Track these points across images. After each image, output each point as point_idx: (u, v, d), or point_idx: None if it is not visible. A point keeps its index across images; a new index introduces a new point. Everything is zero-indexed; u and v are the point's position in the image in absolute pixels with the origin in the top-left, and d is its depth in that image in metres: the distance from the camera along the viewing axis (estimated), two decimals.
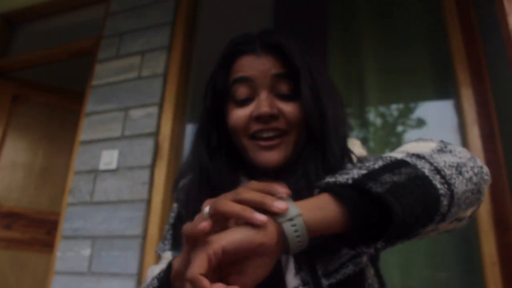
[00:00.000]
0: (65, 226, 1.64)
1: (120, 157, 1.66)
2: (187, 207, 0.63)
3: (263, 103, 0.58)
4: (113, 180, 1.63)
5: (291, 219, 0.38)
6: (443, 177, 0.43)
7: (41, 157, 2.44)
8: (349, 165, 0.60)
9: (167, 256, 0.65)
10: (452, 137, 1.43)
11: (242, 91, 0.60)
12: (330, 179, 0.44)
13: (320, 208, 0.40)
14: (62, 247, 1.61)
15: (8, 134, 2.38)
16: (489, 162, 1.29)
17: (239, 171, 0.63)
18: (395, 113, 1.60)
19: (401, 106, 1.60)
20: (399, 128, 1.57)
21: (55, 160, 2.45)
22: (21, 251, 2.27)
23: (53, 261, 1.61)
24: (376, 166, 0.43)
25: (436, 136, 1.61)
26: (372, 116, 1.58)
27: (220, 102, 0.63)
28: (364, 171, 0.42)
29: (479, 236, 1.24)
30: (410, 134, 1.54)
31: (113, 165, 1.65)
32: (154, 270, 0.63)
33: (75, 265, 1.55)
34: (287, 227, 0.38)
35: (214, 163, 0.61)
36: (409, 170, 0.42)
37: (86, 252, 1.55)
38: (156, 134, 1.65)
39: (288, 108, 0.59)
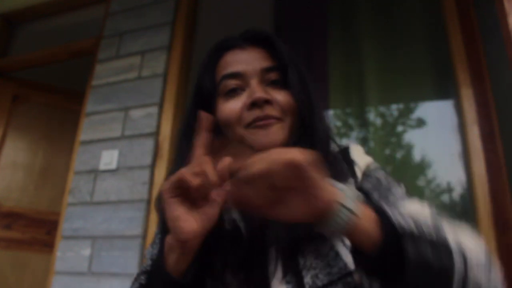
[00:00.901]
0: (65, 226, 1.64)
1: (120, 157, 1.66)
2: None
3: (256, 89, 0.57)
4: (113, 180, 1.63)
5: (346, 207, 0.41)
6: None
7: (41, 157, 2.44)
8: (344, 165, 0.60)
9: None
10: (452, 137, 1.43)
11: (231, 85, 0.60)
12: (387, 209, 0.44)
13: (369, 222, 0.42)
14: (62, 247, 1.61)
15: (8, 134, 2.38)
16: (489, 162, 1.30)
17: None
18: (395, 113, 1.60)
19: (401, 106, 1.61)
20: (399, 128, 1.58)
21: (55, 160, 2.45)
22: (21, 251, 2.27)
23: (53, 261, 1.61)
24: (429, 234, 0.43)
25: (436, 136, 1.60)
26: (372, 116, 1.58)
27: (206, 101, 0.61)
28: (414, 226, 0.42)
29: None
30: (410, 134, 1.54)
31: (113, 165, 1.65)
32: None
33: (75, 265, 1.55)
34: (339, 206, 0.40)
35: None
36: (448, 263, 0.41)
37: (86, 252, 1.55)
38: (156, 134, 1.65)
39: (280, 96, 0.59)
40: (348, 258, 0.52)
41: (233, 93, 0.60)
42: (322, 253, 0.52)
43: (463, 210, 1.39)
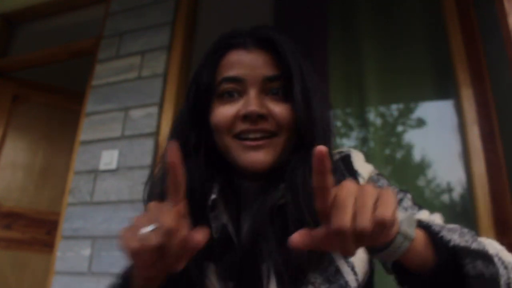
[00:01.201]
0: (65, 226, 1.64)
1: (120, 157, 1.66)
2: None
3: (251, 101, 0.53)
4: (113, 180, 1.63)
5: (405, 236, 0.40)
6: None
7: (41, 157, 2.44)
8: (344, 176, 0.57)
9: None
10: (452, 137, 1.43)
11: (229, 88, 0.56)
12: (433, 226, 0.44)
13: (421, 243, 0.42)
14: (62, 247, 1.61)
15: (8, 134, 2.38)
16: (489, 162, 1.30)
17: (215, 174, 0.58)
18: (395, 113, 1.60)
19: (401, 106, 1.61)
20: (399, 128, 1.57)
21: (55, 160, 2.45)
22: (21, 251, 2.27)
23: (53, 261, 1.61)
24: (473, 246, 0.44)
25: (436, 136, 1.60)
26: (372, 116, 1.58)
27: (203, 99, 0.58)
28: (463, 244, 0.43)
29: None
30: (410, 134, 1.54)
31: (113, 165, 1.65)
32: None
33: (75, 265, 1.55)
34: (400, 236, 0.39)
35: (187, 164, 0.53)
36: (494, 270, 0.43)
37: (86, 252, 1.55)
38: (156, 134, 1.65)
39: (278, 108, 0.55)
40: (350, 276, 0.51)
41: (229, 97, 0.56)
42: (321, 269, 0.51)
43: (463, 210, 1.39)
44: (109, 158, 1.67)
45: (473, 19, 1.47)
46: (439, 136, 1.48)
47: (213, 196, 0.54)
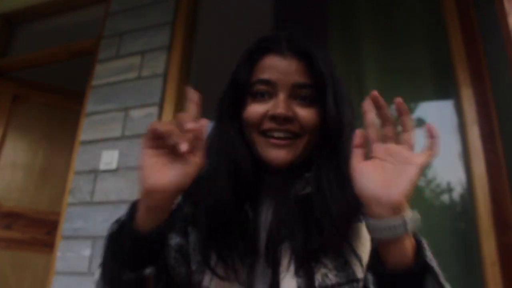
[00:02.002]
0: (65, 226, 1.64)
1: (120, 157, 1.66)
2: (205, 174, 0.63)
3: (280, 104, 0.59)
4: (113, 180, 1.63)
5: (406, 223, 0.46)
6: None
7: (41, 157, 2.44)
8: None
9: None
10: (452, 137, 1.43)
11: (261, 89, 0.61)
12: (423, 241, 0.50)
13: (409, 244, 0.47)
14: (62, 247, 1.61)
15: (8, 134, 2.38)
16: (489, 162, 1.30)
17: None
18: (395, 113, 1.60)
19: None
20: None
21: (55, 160, 2.45)
22: (21, 251, 2.27)
23: (53, 261, 1.61)
24: (441, 278, 0.50)
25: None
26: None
27: (239, 95, 0.63)
28: (437, 266, 0.50)
29: (479, 236, 1.24)
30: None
31: (113, 165, 1.65)
32: None
33: (75, 265, 1.55)
34: (402, 217, 0.46)
35: (237, 149, 0.62)
36: None
37: (86, 252, 1.55)
38: None
39: (304, 113, 0.60)
40: (357, 268, 0.56)
41: (261, 96, 0.61)
42: (332, 257, 0.56)
43: (463, 210, 1.39)
44: (109, 158, 1.67)
45: (473, 19, 1.47)
46: (439, 136, 1.48)
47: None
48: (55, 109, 2.52)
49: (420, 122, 1.55)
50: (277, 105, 0.59)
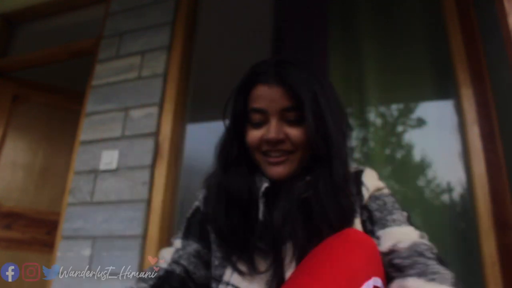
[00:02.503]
0: (65, 226, 1.64)
1: (120, 157, 1.66)
2: (206, 205, 0.77)
3: (271, 130, 0.68)
4: (113, 180, 1.63)
5: None
6: None
7: (41, 157, 2.44)
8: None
9: (177, 242, 0.77)
10: (452, 137, 1.43)
11: (256, 117, 0.71)
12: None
13: None
14: (62, 247, 1.61)
15: (8, 134, 2.38)
16: (489, 162, 1.30)
17: (258, 174, 0.73)
18: (395, 113, 1.60)
19: (401, 106, 1.60)
20: (399, 128, 1.57)
21: (55, 160, 2.45)
22: (21, 251, 2.27)
23: (53, 261, 1.61)
24: None
25: (436, 136, 1.60)
26: (372, 116, 1.58)
27: (240, 121, 0.74)
28: None
29: (479, 236, 1.24)
30: (410, 134, 1.54)
31: (113, 165, 1.65)
32: (163, 252, 0.76)
33: (75, 265, 1.55)
34: None
35: (232, 171, 0.72)
36: None
37: (86, 252, 1.55)
38: (156, 134, 1.65)
39: (294, 132, 0.69)
40: None
41: (257, 122, 0.72)
42: None
43: (463, 210, 1.39)
44: (109, 158, 1.67)
45: (473, 19, 1.47)
46: (439, 136, 1.48)
47: (266, 185, 0.69)
48: (55, 109, 2.52)
49: (420, 122, 1.55)
50: (270, 130, 0.69)
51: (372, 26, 1.67)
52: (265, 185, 0.70)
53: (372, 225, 0.67)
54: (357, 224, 0.67)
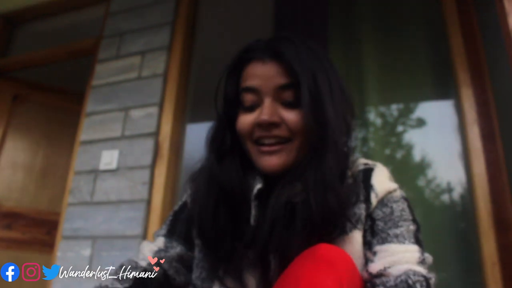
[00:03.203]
0: (65, 226, 1.64)
1: (120, 157, 1.66)
2: (193, 202, 0.66)
3: (264, 111, 0.59)
4: (113, 180, 1.63)
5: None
6: None
7: (41, 157, 2.44)
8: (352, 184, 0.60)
9: (159, 241, 0.69)
10: (452, 137, 1.43)
11: (248, 99, 0.62)
12: None
13: None
14: (62, 247, 1.61)
15: (8, 134, 2.37)
16: (489, 162, 1.30)
17: (252, 170, 0.64)
18: (395, 113, 1.60)
19: (401, 106, 1.60)
20: (399, 128, 1.57)
21: (55, 160, 2.45)
22: (21, 251, 2.27)
23: (53, 261, 1.61)
24: None
25: (436, 136, 1.60)
26: (372, 116, 1.58)
27: (232, 107, 0.65)
28: None
29: (479, 236, 1.24)
30: (410, 134, 1.54)
31: (113, 165, 1.65)
32: (144, 248, 0.68)
33: (75, 265, 1.55)
34: None
35: (225, 163, 0.63)
36: None
37: (86, 252, 1.55)
38: (156, 134, 1.65)
39: (290, 115, 0.59)
40: None
41: (250, 106, 0.62)
42: None
43: (463, 210, 1.39)
44: (109, 158, 1.67)
45: (473, 19, 1.47)
46: (439, 136, 1.48)
47: (259, 186, 0.60)
48: (55, 109, 2.52)
49: (420, 122, 1.55)
50: (262, 112, 0.59)
51: (372, 26, 1.67)
52: (258, 186, 0.60)
53: (372, 236, 0.57)
54: (357, 237, 0.57)
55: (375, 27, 1.67)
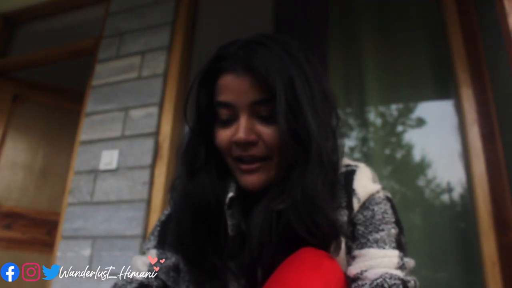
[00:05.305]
0: (65, 226, 1.64)
1: (120, 157, 1.66)
2: (175, 212, 0.64)
3: (240, 130, 0.55)
4: (113, 180, 1.63)
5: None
6: None
7: (41, 157, 2.44)
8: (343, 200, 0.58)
9: (152, 253, 0.66)
10: (452, 137, 1.43)
11: (224, 113, 0.58)
12: None
13: None
14: (62, 247, 1.61)
15: (8, 134, 2.38)
16: (489, 162, 1.30)
17: (231, 182, 0.61)
18: (395, 113, 1.60)
19: (401, 106, 1.61)
20: (399, 128, 1.58)
21: (55, 160, 2.45)
22: (21, 251, 2.27)
23: (53, 261, 1.61)
24: None
25: (436, 136, 1.60)
26: (372, 116, 1.58)
27: (206, 117, 0.61)
28: None
29: (479, 236, 1.24)
30: (410, 134, 1.54)
31: (113, 165, 1.65)
32: (137, 262, 0.65)
33: (75, 265, 1.55)
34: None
35: (199, 179, 0.60)
36: None
37: (86, 252, 1.55)
38: (156, 134, 1.65)
39: (267, 132, 0.56)
40: None
41: (226, 120, 0.59)
42: None
43: (463, 210, 1.39)
44: (109, 158, 1.67)
45: (473, 19, 1.47)
46: (439, 136, 1.48)
47: (231, 194, 0.58)
48: (55, 109, 2.52)
49: (420, 122, 1.55)
50: (238, 130, 0.56)
51: (372, 26, 1.67)
52: (230, 195, 0.58)
53: (352, 240, 0.55)
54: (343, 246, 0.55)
55: (375, 27, 1.67)
